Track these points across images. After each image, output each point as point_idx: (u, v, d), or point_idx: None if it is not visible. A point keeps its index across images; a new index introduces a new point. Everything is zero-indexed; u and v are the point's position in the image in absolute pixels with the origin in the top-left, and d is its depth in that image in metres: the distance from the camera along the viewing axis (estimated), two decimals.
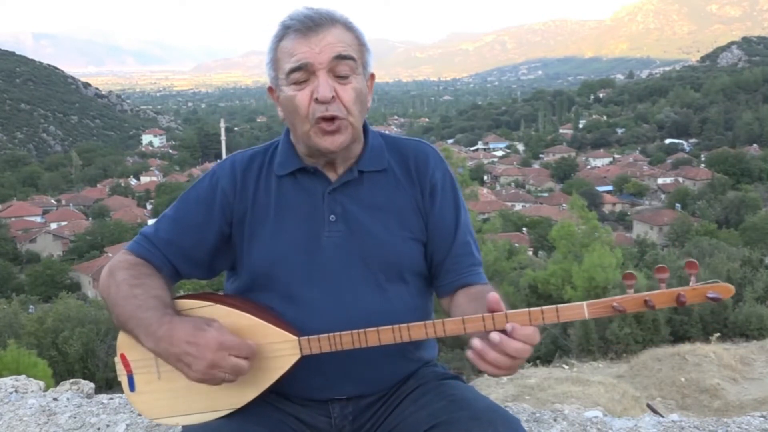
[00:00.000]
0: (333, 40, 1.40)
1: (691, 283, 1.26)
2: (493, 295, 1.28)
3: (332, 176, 1.50)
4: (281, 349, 1.38)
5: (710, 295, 1.23)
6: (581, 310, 1.26)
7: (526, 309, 1.27)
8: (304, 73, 1.40)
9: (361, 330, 1.34)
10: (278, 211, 1.49)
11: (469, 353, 1.26)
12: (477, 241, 1.59)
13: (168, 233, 1.51)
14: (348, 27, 1.45)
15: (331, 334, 1.35)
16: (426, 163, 1.55)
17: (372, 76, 1.51)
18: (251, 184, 1.51)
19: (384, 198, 1.51)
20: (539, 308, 1.27)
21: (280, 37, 1.44)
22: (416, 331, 1.33)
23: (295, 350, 1.38)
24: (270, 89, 1.50)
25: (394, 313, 1.45)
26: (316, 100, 1.39)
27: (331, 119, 1.40)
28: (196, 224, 1.50)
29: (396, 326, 1.33)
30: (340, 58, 1.40)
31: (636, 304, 1.26)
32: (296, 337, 1.38)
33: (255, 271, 1.48)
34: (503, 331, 1.24)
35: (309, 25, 1.41)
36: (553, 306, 1.26)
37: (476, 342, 1.25)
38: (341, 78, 1.41)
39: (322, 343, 1.36)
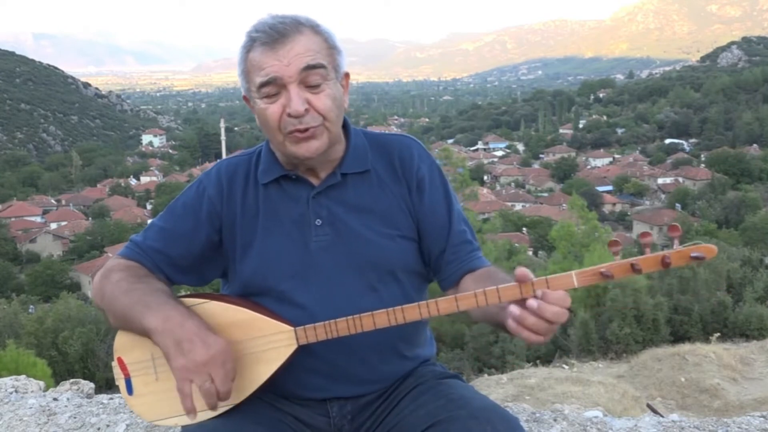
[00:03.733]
0: (301, 50, 1.37)
1: (674, 246, 1.27)
2: (521, 270, 1.25)
3: (315, 181, 1.49)
4: (278, 341, 1.39)
5: (694, 255, 1.24)
6: (570, 279, 1.26)
7: (516, 282, 1.27)
8: (274, 86, 1.38)
9: (356, 315, 1.35)
10: (266, 219, 1.49)
11: (509, 322, 1.24)
12: (471, 227, 1.57)
13: (156, 242, 1.50)
14: (315, 31, 1.41)
15: (326, 322, 1.36)
16: (411, 158, 1.53)
17: (346, 75, 1.48)
18: (238, 191, 1.51)
19: (369, 199, 1.50)
20: (530, 280, 1.26)
21: (248, 49, 1.41)
22: (410, 312, 1.34)
23: (292, 340, 1.39)
24: (245, 98, 1.48)
25: None
26: (289, 115, 1.38)
27: (305, 130, 1.39)
28: (183, 233, 1.50)
29: (390, 309, 1.34)
30: (310, 68, 1.37)
31: (623, 270, 1.28)
32: (292, 328, 1.39)
33: (247, 279, 1.48)
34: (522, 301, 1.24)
35: (274, 36, 1.37)
36: (543, 277, 1.26)
37: (514, 308, 1.24)
38: (313, 87, 1.39)
39: (317, 331, 1.37)
